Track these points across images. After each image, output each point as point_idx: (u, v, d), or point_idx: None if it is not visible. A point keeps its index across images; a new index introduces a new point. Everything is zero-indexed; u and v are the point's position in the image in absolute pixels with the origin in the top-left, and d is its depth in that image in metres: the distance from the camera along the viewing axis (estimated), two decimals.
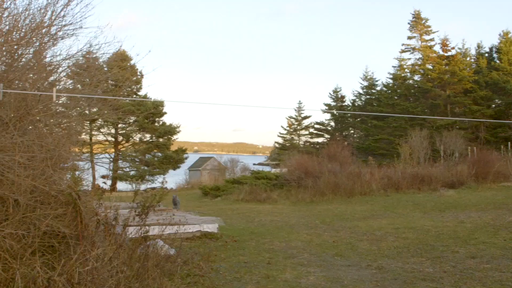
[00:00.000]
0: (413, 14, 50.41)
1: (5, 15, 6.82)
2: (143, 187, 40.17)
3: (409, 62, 51.88)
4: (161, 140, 48.56)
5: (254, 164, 71.89)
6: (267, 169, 46.20)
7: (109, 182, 44.68)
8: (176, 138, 50.66)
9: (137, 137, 49.67)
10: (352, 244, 11.58)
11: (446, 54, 48.15)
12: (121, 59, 16.42)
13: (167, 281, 7.12)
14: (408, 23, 50.92)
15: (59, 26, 7.46)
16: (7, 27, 6.87)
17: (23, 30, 6.99)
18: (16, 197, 5.59)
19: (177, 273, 7.76)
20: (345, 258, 9.97)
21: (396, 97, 49.83)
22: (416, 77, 50.85)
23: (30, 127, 6.84)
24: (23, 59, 7.13)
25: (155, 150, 49.01)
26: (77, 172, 7.66)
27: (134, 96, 46.78)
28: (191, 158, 58.88)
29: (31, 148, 6.15)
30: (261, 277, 8.32)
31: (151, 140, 48.92)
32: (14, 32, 6.89)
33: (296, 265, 9.29)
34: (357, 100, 56.87)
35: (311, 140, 59.47)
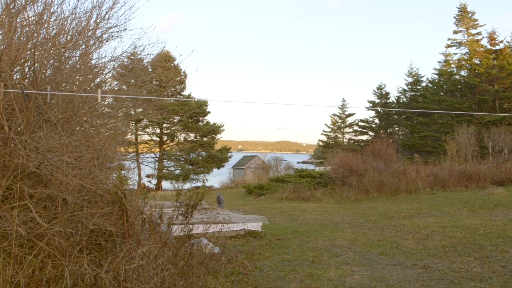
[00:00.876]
0: (459, 8, 49.33)
1: (52, 19, 7.01)
2: (187, 186, 40.59)
3: (455, 57, 50.85)
4: (205, 139, 48.94)
5: (298, 162, 71.93)
6: (311, 167, 46.08)
7: (154, 181, 45.31)
8: (220, 137, 51.04)
9: (181, 136, 50.26)
10: (398, 243, 11.43)
11: (494, 48, 46.79)
12: (165, 60, 16.61)
13: (211, 279, 7.19)
14: (454, 17, 49.90)
15: (104, 29, 7.62)
16: (54, 31, 7.06)
17: (69, 34, 7.17)
18: (64, 196, 5.74)
19: (221, 271, 7.81)
20: (390, 257, 9.85)
21: (442, 93, 48.79)
22: (463, 72, 49.68)
23: (77, 128, 7.01)
24: (70, 62, 7.30)
25: (199, 149, 49.44)
26: (123, 172, 7.81)
27: (178, 96, 47.34)
28: (235, 157, 59.25)
29: (79, 148, 6.30)
30: (305, 275, 8.30)
31: (195, 139, 49.38)
32: (61, 36, 7.07)
33: (340, 264, 9.23)
34: (401, 96, 55.96)
35: (355, 138, 58.92)
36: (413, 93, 54.49)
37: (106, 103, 8.53)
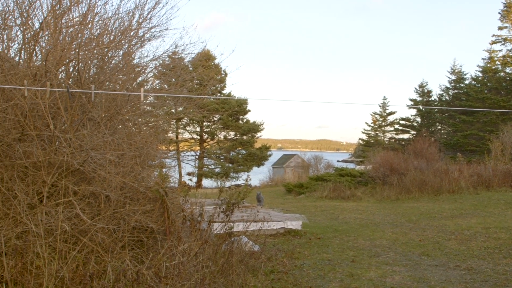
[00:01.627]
0: (504, 3, 47.95)
1: (96, 20, 7.15)
2: (227, 184, 40.82)
3: (500, 54, 49.47)
4: (245, 137, 49.13)
5: (338, 161, 71.47)
6: (351, 166, 45.67)
7: (194, 179, 45.71)
8: (260, 136, 51.12)
9: (221, 134, 50.59)
10: (440, 243, 11.23)
11: None
12: (205, 59, 16.73)
13: (251, 277, 7.21)
14: (499, 13, 48.51)
15: (146, 29, 7.74)
16: (98, 31, 7.20)
17: (112, 34, 7.30)
18: (107, 193, 5.85)
19: (261, 269, 7.83)
20: (432, 258, 9.69)
21: (486, 91, 47.51)
22: (508, 69, 48.25)
23: (120, 126, 7.13)
24: (113, 61, 7.43)
25: (239, 148, 49.68)
26: (164, 169, 7.91)
27: (219, 94, 47.60)
28: (275, 155, 59.29)
29: (121, 146, 6.41)
30: (345, 275, 8.24)
31: (235, 137, 49.63)
32: (105, 36, 7.21)
33: (381, 264, 9.13)
34: (444, 94, 54.81)
35: (396, 137, 58.11)
36: (456, 91, 53.30)
37: (148, 101, 8.66)
